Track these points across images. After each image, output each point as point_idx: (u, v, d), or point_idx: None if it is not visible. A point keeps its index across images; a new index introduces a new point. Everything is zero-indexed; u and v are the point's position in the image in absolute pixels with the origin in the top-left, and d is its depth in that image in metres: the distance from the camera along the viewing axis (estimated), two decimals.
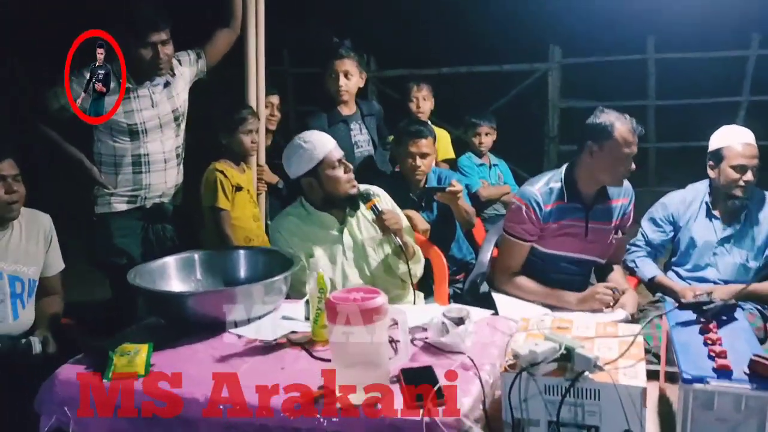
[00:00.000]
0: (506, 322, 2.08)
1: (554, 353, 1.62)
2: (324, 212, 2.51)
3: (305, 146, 2.43)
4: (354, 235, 2.54)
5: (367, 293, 1.61)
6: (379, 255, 2.56)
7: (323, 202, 2.50)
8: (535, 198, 2.57)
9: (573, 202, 2.59)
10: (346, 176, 2.45)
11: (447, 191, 2.83)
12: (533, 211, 2.56)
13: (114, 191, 2.70)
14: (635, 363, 1.64)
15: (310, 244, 2.47)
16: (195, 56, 2.84)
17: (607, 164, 2.50)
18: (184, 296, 2.02)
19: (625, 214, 2.72)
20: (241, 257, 2.35)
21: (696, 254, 2.84)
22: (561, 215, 2.59)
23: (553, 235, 2.62)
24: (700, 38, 7.82)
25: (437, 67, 7.78)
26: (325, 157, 2.43)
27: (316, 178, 2.45)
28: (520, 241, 2.61)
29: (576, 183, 2.59)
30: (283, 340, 1.95)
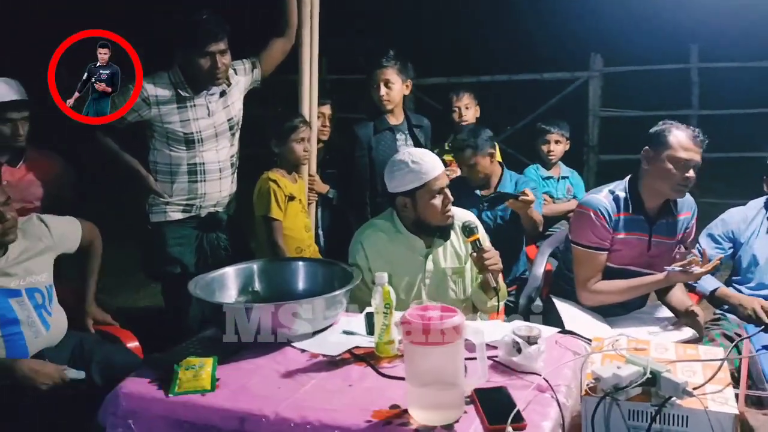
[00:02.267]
0: (576, 341, 2.01)
1: (639, 377, 1.55)
2: (413, 235, 2.41)
3: (412, 166, 2.30)
4: (437, 264, 2.44)
5: (444, 311, 1.56)
6: (459, 287, 2.48)
7: (414, 224, 2.40)
8: (603, 205, 2.52)
9: (637, 213, 2.53)
10: (444, 206, 2.34)
11: (520, 200, 2.77)
12: (603, 218, 2.50)
13: (169, 200, 2.70)
14: (723, 388, 1.56)
15: (391, 264, 2.36)
16: (250, 65, 2.83)
17: (663, 171, 2.44)
18: (245, 309, 1.98)
19: (687, 228, 2.64)
20: (300, 269, 2.30)
21: (759, 272, 2.74)
22: (626, 227, 2.53)
23: (617, 249, 2.55)
24: (745, 47, 7.65)
25: (476, 75, 7.73)
26: (428, 182, 2.30)
27: (412, 200, 2.33)
28: (594, 250, 2.52)
29: (639, 194, 2.54)
30: (347, 355, 1.91)
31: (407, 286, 2.41)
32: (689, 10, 8.21)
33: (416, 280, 2.42)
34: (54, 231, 2.30)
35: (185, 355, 1.85)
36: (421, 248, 2.43)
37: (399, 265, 2.40)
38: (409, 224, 2.41)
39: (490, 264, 2.29)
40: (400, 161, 2.34)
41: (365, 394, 1.70)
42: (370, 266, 2.38)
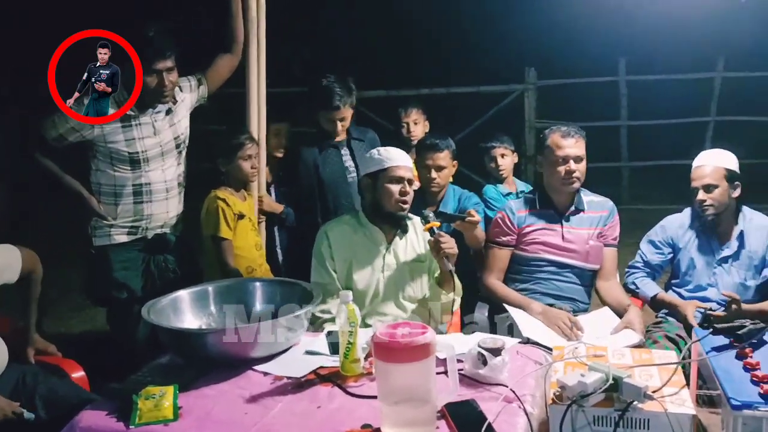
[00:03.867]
0: (536, 351, 2.06)
1: (603, 383, 1.60)
2: (375, 227, 2.52)
3: (380, 153, 2.52)
4: (397, 257, 2.55)
5: (414, 328, 1.56)
6: (416, 285, 2.56)
7: (373, 210, 2.53)
8: (509, 206, 2.93)
9: (546, 208, 2.86)
10: (400, 195, 2.45)
11: (466, 221, 2.81)
12: (507, 217, 2.88)
13: (114, 222, 2.60)
14: (679, 390, 1.63)
15: (353, 254, 2.50)
16: (196, 82, 2.77)
17: (549, 168, 2.80)
18: (205, 334, 1.92)
19: (605, 225, 2.87)
20: (258, 289, 2.26)
21: (696, 275, 2.89)
22: (536, 220, 2.86)
23: (533, 241, 2.84)
24: (669, 60, 8.09)
25: (416, 88, 7.84)
26: (389, 167, 2.46)
27: (373, 183, 2.50)
28: (498, 246, 2.88)
29: (546, 192, 2.88)
30: (312, 376, 1.88)
31: (366, 278, 2.50)
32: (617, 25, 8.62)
33: (375, 272, 2.51)
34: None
35: (143, 385, 1.78)
36: (382, 240, 2.53)
37: (360, 255, 2.51)
38: (369, 211, 2.54)
39: (446, 248, 2.36)
40: (372, 151, 2.57)
41: (335, 414, 1.68)
42: (332, 255, 2.50)
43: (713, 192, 2.77)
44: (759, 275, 2.81)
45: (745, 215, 2.87)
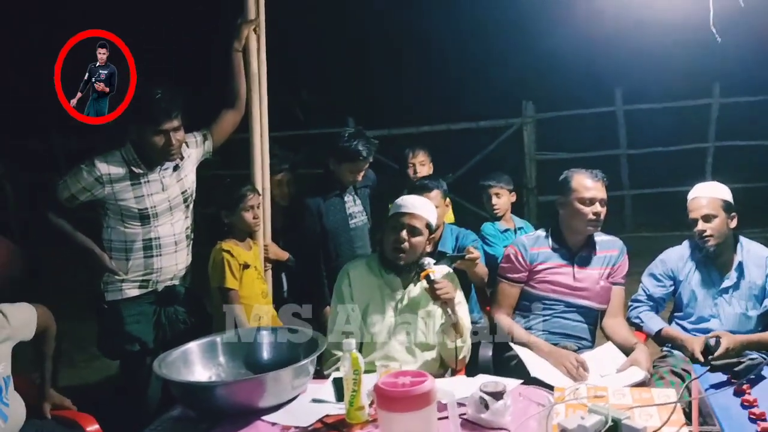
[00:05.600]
0: (538, 392, 2.09)
1: (602, 426, 1.63)
2: (391, 272, 2.58)
3: (398, 200, 2.62)
4: (411, 303, 2.58)
5: (415, 377, 1.62)
6: (428, 329, 2.58)
7: (381, 256, 2.60)
8: (522, 242, 2.94)
9: (559, 247, 2.89)
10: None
11: (466, 258, 2.86)
12: (520, 254, 2.89)
13: (125, 277, 2.67)
14: (678, 429, 1.67)
15: (370, 296, 2.56)
16: (202, 138, 2.87)
17: (572, 210, 2.81)
18: (214, 386, 1.98)
19: (615, 264, 2.91)
20: (264, 338, 2.32)
21: (698, 307, 2.91)
22: (548, 258, 2.88)
23: (543, 279, 2.87)
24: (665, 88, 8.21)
25: (417, 126, 7.99)
26: (395, 213, 2.56)
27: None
28: (509, 282, 2.91)
29: (561, 232, 2.91)
30: (319, 424, 1.93)
31: (380, 322, 2.54)
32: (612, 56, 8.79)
33: (388, 316, 2.56)
34: (12, 320, 2.24)
35: None
36: (398, 285, 2.58)
37: (376, 298, 2.56)
38: (385, 258, 2.59)
39: (442, 293, 2.41)
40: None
41: None
42: (352, 294, 2.57)
43: (713, 222, 2.82)
44: (760, 305, 2.83)
45: (743, 246, 2.91)
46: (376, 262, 2.62)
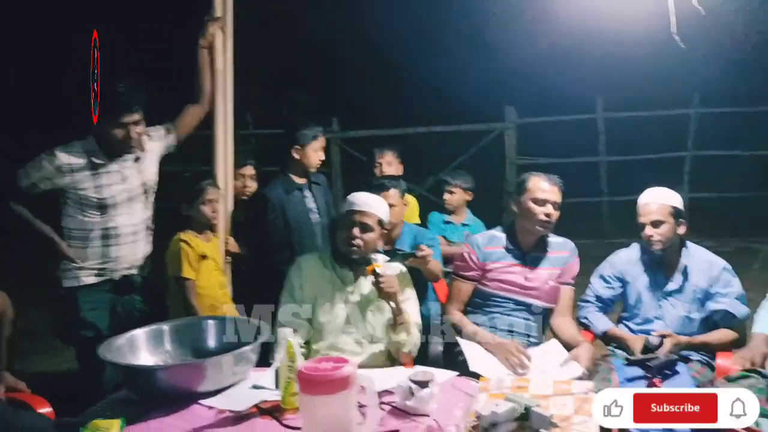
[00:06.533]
0: (470, 383, 2.17)
1: (514, 413, 1.72)
2: (344, 266, 2.67)
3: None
4: (361, 296, 2.67)
5: (336, 362, 1.70)
6: (376, 322, 2.67)
7: (334, 251, 2.69)
8: (477, 241, 3.02)
9: (512, 247, 2.97)
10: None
11: (418, 256, 2.94)
12: (473, 252, 2.97)
13: (83, 265, 2.74)
14: (588, 419, 1.75)
15: (320, 288, 2.64)
16: (165, 131, 2.95)
17: (525, 210, 2.91)
18: (154, 370, 2.06)
19: (566, 265, 3.00)
20: (210, 327, 2.39)
21: (644, 308, 2.99)
22: (501, 257, 2.97)
23: (495, 278, 2.95)
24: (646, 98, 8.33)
25: (400, 127, 8.08)
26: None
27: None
28: (462, 279, 2.99)
29: (515, 233, 2.99)
30: (254, 409, 2.00)
31: (328, 313, 2.63)
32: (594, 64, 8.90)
33: (337, 308, 2.64)
34: None
35: (93, 419, 1.90)
36: (349, 279, 2.68)
37: (326, 290, 2.65)
38: (338, 253, 2.68)
39: (386, 287, 2.52)
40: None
41: None
42: (302, 285, 2.65)
43: (660, 228, 2.90)
44: (703, 308, 2.91)
45: (689, 251, 2.99)
46: (329, 256, 2.71)
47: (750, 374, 2.57)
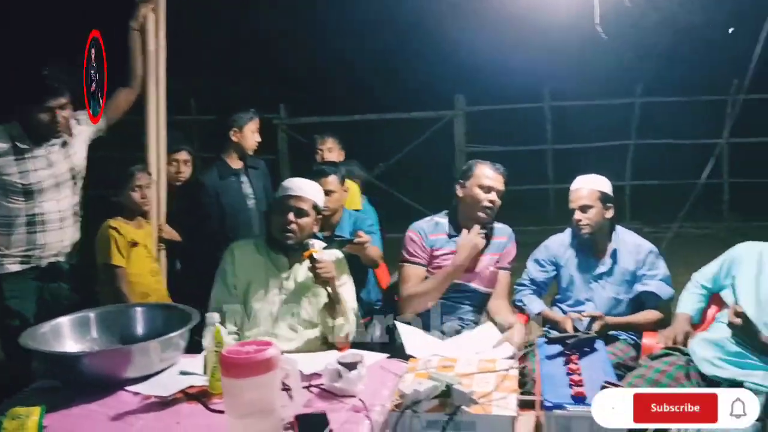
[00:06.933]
0: (397, 364, 2.21)
1: (435, 391, 1.76)
2: (279, 252, 2.64)
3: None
4: (296, 282, 2.65)
5: (259, 345, 1.70)
6: (312, 308, 2.66)
7: (269, 237, 2.67)
8: (420, 227, 3.02)
9: (455, 234, 2.98)
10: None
11: (355, 242, 2.95)
12: (420, 237, 2.98)
13: (6, 252, 2.66)
14: (507, 395, 1.80)
15: (254, 274, 2.61)
16: None
17: (470, 196, 2.94)
18: (77, 357, 2.02)
19: (504, 250, 3.06)
20: (138, 314, 2.36)
21: (575, 290, 3.09)
22: (444, 244, 2.98)
23: (438, 265, 2.96)
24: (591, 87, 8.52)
25: (349, 114, 8.06)
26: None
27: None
28: (413, 264, 2.96)
29: (457, 219, 3.01)
30: (180, 394, 1.99)
31: (262, 299, 2.60)
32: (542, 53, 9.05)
33: (272, 294, 2.62)
34: None
35: (13, 406, 1.86)
36: (284, 265, 2.64)
37: (260, 276, 2.61)
38: (272, 239, 2.65)
39: (322, 272, 2.51)
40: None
41: (192, 429, 1.79)
42: (235, 271, 2.61)
43: (588, 212, 2.99)
44: (631, 290, 3.02)
45: (618, 235, 3.09)
46: (263, 242, 2.69)
47: (672, 352, 2.69)
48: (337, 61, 9.95)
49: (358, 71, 10.07)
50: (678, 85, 8.47)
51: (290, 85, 8.55)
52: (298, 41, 9.59)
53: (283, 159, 8.22)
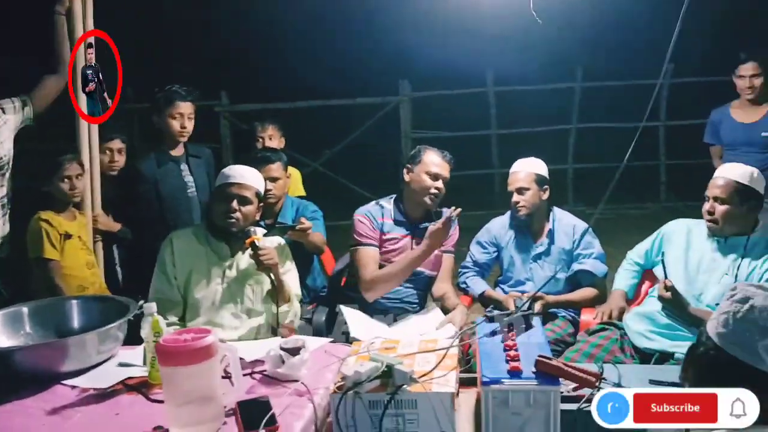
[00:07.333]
0: (343, 348, 2.22)
1: (376, 371, 1.78)
2: (220, 240, 2.61)
3: (224, 170, 2.66)
4: (239, 270, 2.62)
5: (197, 333, 1.68)
6: (255, 296, 2.64)
7: (210, 225, 2.64)
8: (368, 210, 3.06)
9: (401, 219, 3.05)
10: (225, 210, 2.54)
11: (297, 229, 2.94)
12: (369, 220, 3.01)
13: None
14: (447, 373, 1.84)
15: (194, 264, 2.57)
16: (20, 104, 2.76)
17: (418, 181, 2.97)
18: (9, 352, 1.95)
19: (448, 234, 3.05)
20: (74, 307, 2.29)
21: (516, 271, 3.18)
22: (392, 229, 3.03)
23: (386, 250, 3.01)
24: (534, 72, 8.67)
25: (293, 101, 7.98)
26: (224, 184, 2.59)
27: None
28: (367, 246, 2.97)
29: (403, 204, 3.07)
30: (119, 386, 1.95)
31: (204, 288, 2.57)
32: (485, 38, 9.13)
33: (214, 283, 2.59)
34: None
35: None
36: (226, 253, 2.61)
37: (201, 266, 2.58)
38: (214, 227, 2.62)
39: (265, 259, 2.49)
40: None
41: (132, 420, 1.76)
42: (174, 262, 2.56)
43: (525, 194, 3.07)
44: (567, 269, 3.12)
45: (555, 215, 3.18)
46: (203, 231, 2.65)
47: (607, 327, 2.81)
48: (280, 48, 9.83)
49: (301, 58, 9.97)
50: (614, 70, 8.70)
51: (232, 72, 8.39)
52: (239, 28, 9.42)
53: (226, 146, 8.09)
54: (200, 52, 8.90)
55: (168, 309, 2.50)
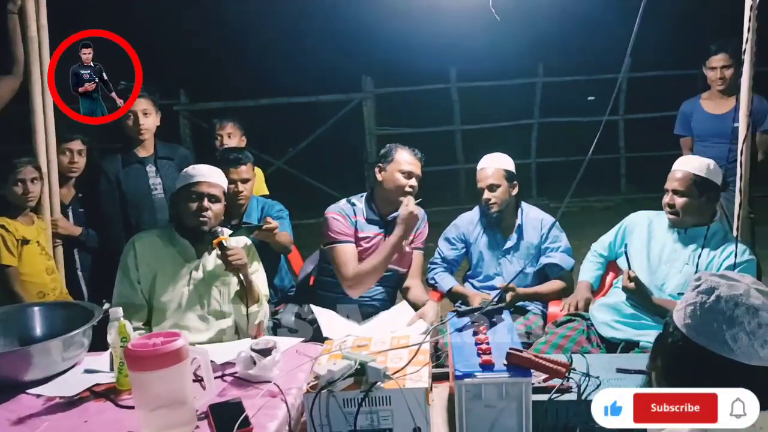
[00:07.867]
0: (315, 347, 2.21)
1: (350, 369, 1.78)
2: (186, 240, 2.57)
3: (188, 170, 2.60)
4: (205, 272, 2.58)
5: (167, 337, 1.66)
6: (223, 297, 2.60)
7: (177, 226, 2.59)
8: (340, 208, 3.02)
9: (373, 218, 3.03)
10: (195, 211, 2.51)
11: (263, 228, 2.91)
12: (343, 217, 2.98)
13: None
14: (420, 368, 1.85)
15: (159, 266, 2.52)
16: None
17: (391, 180, 2.96)
18: None
19: (418, 231, 3.12)
20: (36, 314, 2.23)
21: (485, 266, 3.21)
22: (364, 227, 3.01)
23: (360, 248, 2.97)
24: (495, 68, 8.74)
25: (256, 99, 7.89)
26: (190, 183, 2.54)
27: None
28: (344, 243, 2.94)
29: (375, 202, 3.06)
30: (86, 393, 1.91)
31: (170, 291, 2.52)
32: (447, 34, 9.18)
33: (180, 285, 2.54)
34: None
35: None
36: (191, 255, 2.58)
37: (166, 268, 2.54)
38: (179, 228, 2.58)
39: (233, 260, 2.46)
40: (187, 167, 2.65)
41: (102, 427, 1.73)
42: (137, 265, 2.51)
43: (496, 191, 3.10)
44: (536, 263, 3.17)
45: (523, 210, 3.22)
46: (167, 233, 2.61)
47: (574, 318, 2.85)
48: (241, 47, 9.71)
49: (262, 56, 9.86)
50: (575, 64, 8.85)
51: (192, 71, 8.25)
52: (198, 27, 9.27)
53: (187, 146, 7.95)
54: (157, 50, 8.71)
55: (132, 314, 2.44)
